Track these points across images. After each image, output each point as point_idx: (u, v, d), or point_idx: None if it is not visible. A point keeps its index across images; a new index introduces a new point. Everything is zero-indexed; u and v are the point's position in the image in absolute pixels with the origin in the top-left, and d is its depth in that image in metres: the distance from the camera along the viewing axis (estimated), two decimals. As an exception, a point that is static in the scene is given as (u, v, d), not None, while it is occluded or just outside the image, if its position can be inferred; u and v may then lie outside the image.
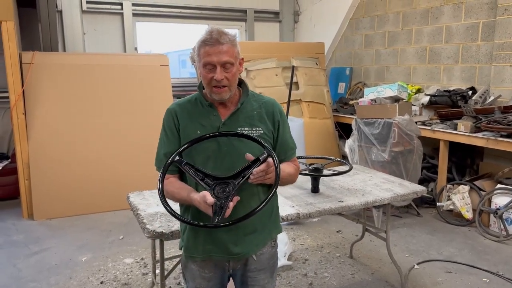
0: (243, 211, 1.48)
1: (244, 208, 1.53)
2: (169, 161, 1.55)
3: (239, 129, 1.62)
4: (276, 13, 7.24)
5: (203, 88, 1.68)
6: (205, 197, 1.43)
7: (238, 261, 1.70)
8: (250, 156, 1.50)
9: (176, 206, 2.32)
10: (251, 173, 1.47)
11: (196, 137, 1.59)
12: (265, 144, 1.53)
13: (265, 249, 1.73)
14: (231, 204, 1.44)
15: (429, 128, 4.41)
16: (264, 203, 1.45)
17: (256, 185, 1.62)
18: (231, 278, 1.78)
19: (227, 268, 1.71)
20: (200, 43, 1.56)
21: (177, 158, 1.54)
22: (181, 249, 1.77)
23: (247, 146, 1.59)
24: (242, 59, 1.63)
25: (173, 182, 1.62)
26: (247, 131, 1.62)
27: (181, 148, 1.57)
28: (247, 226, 1.59)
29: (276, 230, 1.77)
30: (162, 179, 1.54)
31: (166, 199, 1.54)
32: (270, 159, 1.50)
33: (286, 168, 1.67)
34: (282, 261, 3.30)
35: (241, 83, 1.69)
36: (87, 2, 5.78)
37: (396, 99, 4.93)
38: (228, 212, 1.42)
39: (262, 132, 1.64)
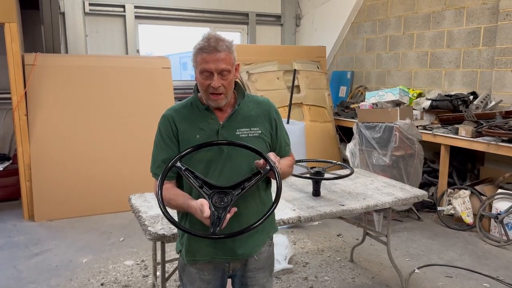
0: (246, 212, 1.50)
1: (247, 209, 1.57)
2: (169, 165, 1.53)
3: (237, 130, 1.64)
4: (278, 17, 7.26)
5: (198, 92, 1.68)
6: (202, 207, 1.42)
7: (238, 262, 1.71)
8: (259, 163, 1.53)
9: (173, 212, 2.34)
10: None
11: (196, 142, 1.58)
12: (267, 157, 1.54)
13: (264, 248, 1.76)
14: (228, 216, 1.44)
15: (430, 132, 4.41)
16: (263, 218, 1.47)
17: (254, 193, 1.64)
18: (229, 280, 1.79)
19: (227, 270, 1.72)
20: (197, 49, 1.56)
21: (178, 164, 1.52)
22: (178, 253, 1.78)
23: (246, 151, 1.60)
24: (238, 64, 1.64)
25: (169, 189, 1.61)
26: (245, 132, 1.64)
27: (182, 153, 1.55)
28: None
29: (273, 230, 1.83)
30: (161, 186, 1.51)
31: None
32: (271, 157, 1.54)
33: (284, 164, 1.74)
34: (282, 264, 3.30)
35: (235, 84, 1.69)
36: (90, 4, 5.81)
37: (397, 103, 4.93)
38: (224, 223, 1.42)
39: (260, 132, 1.67)
